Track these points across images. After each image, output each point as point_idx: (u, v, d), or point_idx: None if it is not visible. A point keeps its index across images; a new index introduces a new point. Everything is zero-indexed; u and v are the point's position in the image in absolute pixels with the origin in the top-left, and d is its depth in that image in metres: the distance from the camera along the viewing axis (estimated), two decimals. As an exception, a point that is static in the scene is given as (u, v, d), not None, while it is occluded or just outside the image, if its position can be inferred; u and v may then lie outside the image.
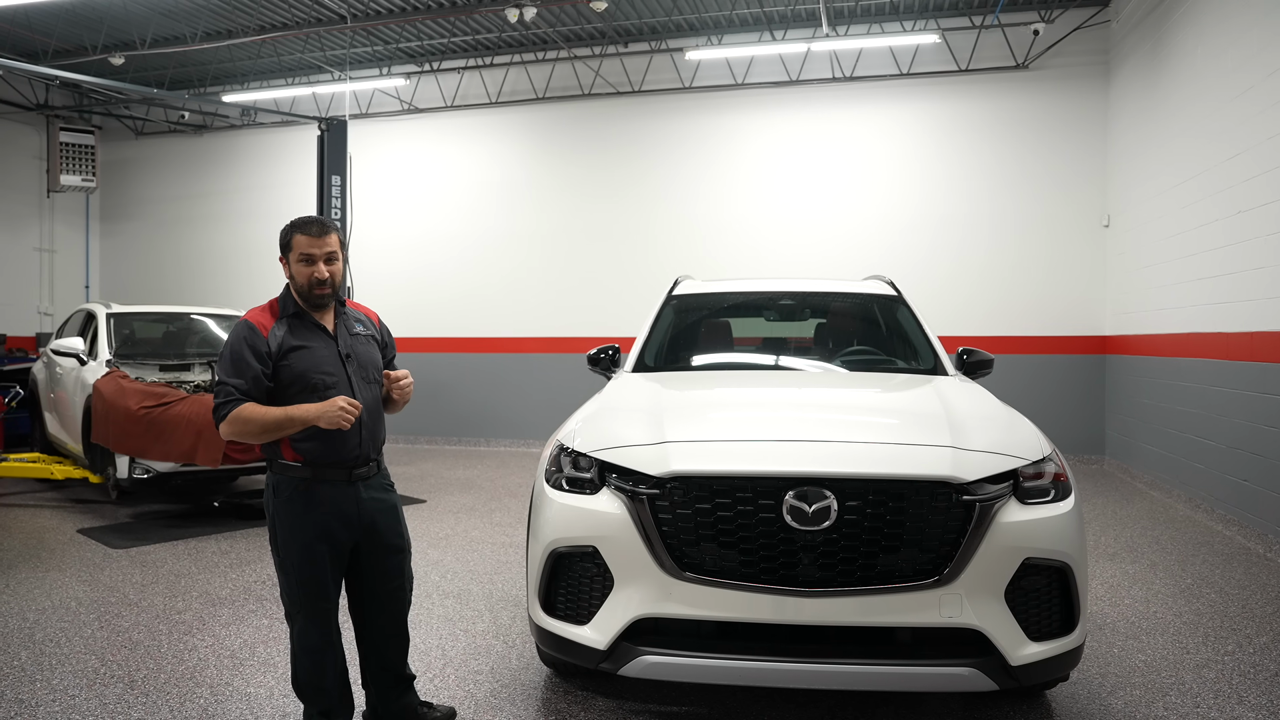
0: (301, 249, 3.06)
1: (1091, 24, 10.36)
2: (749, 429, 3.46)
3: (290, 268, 3.10)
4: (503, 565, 5.92)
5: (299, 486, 3.05)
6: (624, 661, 3.08)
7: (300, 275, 3.08)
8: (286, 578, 3.09)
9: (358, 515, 3.11)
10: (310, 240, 3.06)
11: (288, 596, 3.12)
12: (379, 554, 3.21)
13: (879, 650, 3.03)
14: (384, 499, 3.23)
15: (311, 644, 3.11)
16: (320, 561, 3.06)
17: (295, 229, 3.09)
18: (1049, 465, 3.23)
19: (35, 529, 6.92)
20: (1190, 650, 4.31)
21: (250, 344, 3.02)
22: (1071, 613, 3.12)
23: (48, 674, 3.97)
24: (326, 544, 3.06)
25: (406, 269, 12.71)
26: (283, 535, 3.06)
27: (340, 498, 3.08)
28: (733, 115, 11.60)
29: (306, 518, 3.04)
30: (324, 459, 3.05)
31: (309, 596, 3.08)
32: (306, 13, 10.83)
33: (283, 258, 3.12)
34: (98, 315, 8.55)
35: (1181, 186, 8.05)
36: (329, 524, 3.06)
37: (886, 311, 5.17)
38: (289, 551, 3.06)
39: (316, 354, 3.10)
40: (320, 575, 3.07)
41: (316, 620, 3.10)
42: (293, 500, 3.05)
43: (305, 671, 3.14)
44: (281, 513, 3.07)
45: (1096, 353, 10.49)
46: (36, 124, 14.03)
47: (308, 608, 3.09)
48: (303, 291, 3.11)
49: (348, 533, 3.10)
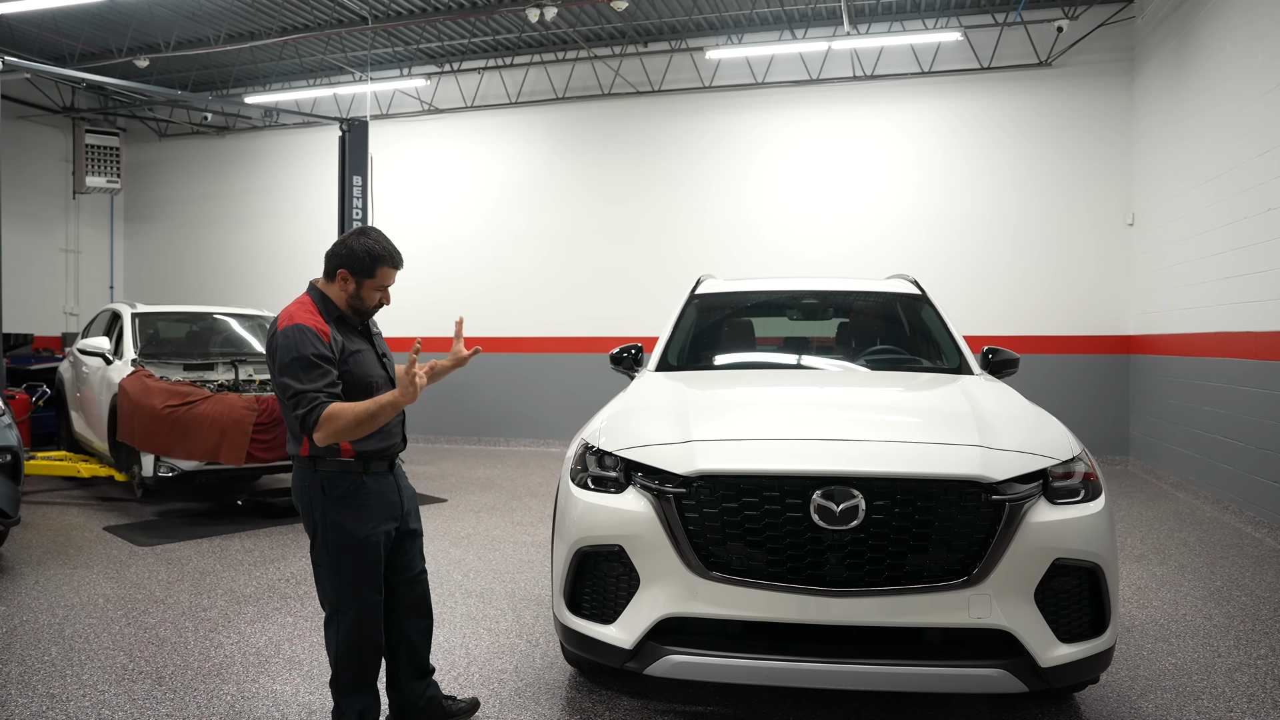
0: (385, 281, 3.14)
1: (1116, 20, 10.26)
2: (776, 428, 3.44)
3: (362, 288, 3.11)
4: (525, 564, 5.93)
5: (354, 481, 3.05)
6: (650, 661, 3.07)
7: (370, 299, 3.14)
8: (339, 575, 3.06)
9: (400, 503, 3.19)
10: (394, 273, 3.15)
11: (338, 593, 3.07)
12: (409, 539, 3.28)
13: (906, 651, 3.01)
14: (410, 486, 3.34)
15: (363, 639, 3.09)
16: (376, 553, 3.08)
17: (384, 261, 3.10)
18: (1079, 465, 3.20)
19: (63, 526, 7.00)
20: (1221, 654, 4.25)
21: (316, 349, 2.97)
22: (1102, 614, 3.09)
23: (77, 669, 4.01)
24: (381, 535, 3.09)
25: (427, 269, 12.75)
26: (337, 533, 3.03)
27: (387, 488, 3.14)
28: (753, 114, 11.57)
29: (363, 511, 3.05)
30: (376, 451, 3.09)
31: (366, 590, 3.07)
32: (328, 14, 10.89)
33: (349, 273, 3.09)
34: (123, 315, 8.63)
35: (1208, 184, 7.96)
36: (382, 515, 3.10)
37: (911, 310, 5.14)
38: (344, 548, 3.03)
39: (366, 357, 3.16)
40: (377, 567, 3.09)
41: (371, 614, 3.10)
42: (347, 496, 3.04)
43: (351, 669, 3.11)
44: (335, 510, 3.03)
45: (1120, 352, 10.38)
46: (62, 126, 14.19)
47: (363, 602, 3.07)
48: (363, 310, 3.16)
49: (394, 521, 3.16)
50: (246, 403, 6.84)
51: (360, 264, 3.08)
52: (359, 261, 3.08)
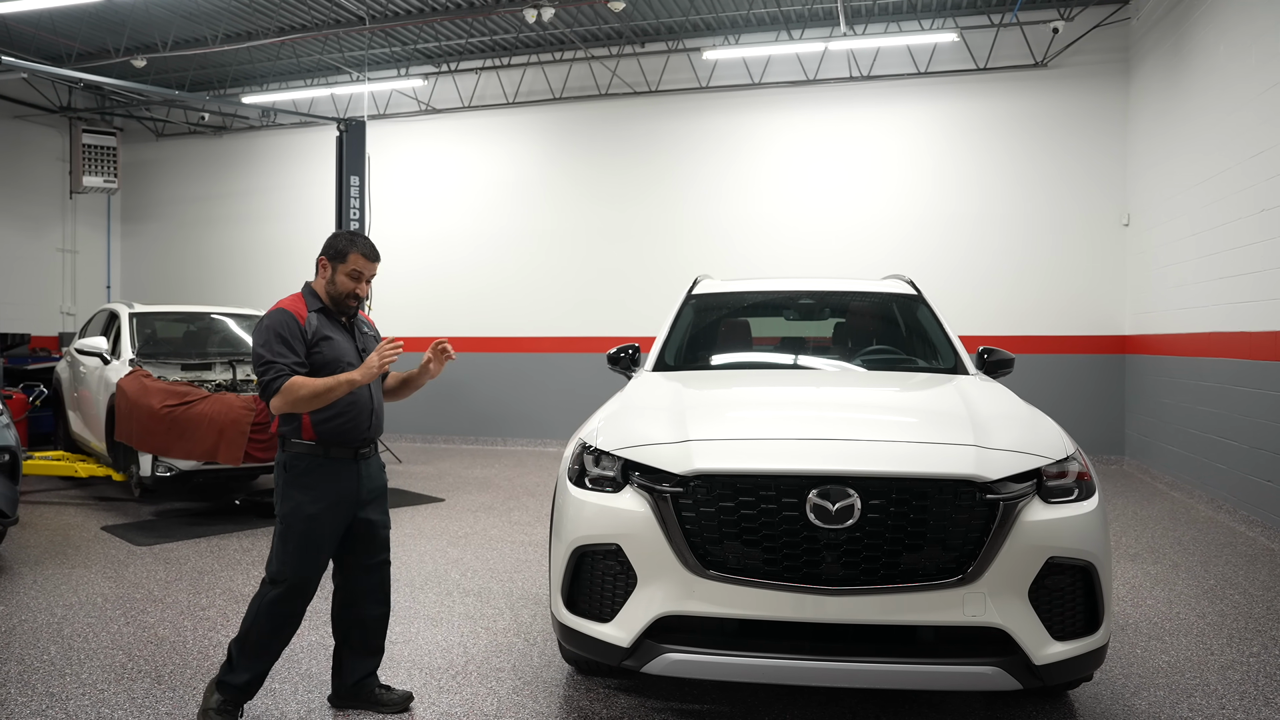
0: (357, 265, 3.42)
1: (1111, 21, 10.30)
2: (772, 428, 3.47)
3: (335, 274, 3.43)
4: (522, 563, 5.95)
5: (310, 463, 3.32)
6: (647, 659, 3.09)
7: (344, 285, 3.43)
8: (285, 545, 3.32)
9: (358, 491, 3.41)
10: (367, 262, 3.44)
11: (279, 561, 3.31)
12: (372, 529, 3.49)
13: (902, 649, 3.03)
14: (380, 479, 3.56)
15: (284, 610, 3.31)
16: (322, 531, 3.33)
17: (356, 246, 3.43)
18: (1072, 464, 3.22)
19: (60, 526, 7.00)
20: (1215, 652, 4.28)
21: (290, 329, 3.32)
22: (1096, 612, 3.11)
23: (77, 668, 4.03)
24: (330, 516, 3.34)
25: (424, 269, 12.77)
26: (290, 506, 3.31)
27: (346, 474, 3.38)
28: (750, 115, 11.59)
29: (316, 490, 3.32)
30: (338, 438, 3.35)
31: (304, 563, 3.31)
32: (325, 14, 10.90)
33: (327, 260, 3.44)
34: (120, 315, 8.64)
35: (1203, 185, 7.99)
36: (335, 498, 3.34)
37: (906, 311, 5.16)
38: (294, 520, 3.30)
39: (341, 345, 3.44)
40: (319, 544, 3.34)
41: (302, 592, 3.33)
42: (305, 474, 3.32)
43: (261, 633, 3.29)
44: (293, 486, 3.32)
45: (1115, 352, 10.42)
46: (59, 126, 14.18)
47: (296, 579, 3.30)
48: (337, 298, 3.45)
49: (349, 507, 3.39)
50: (244, 402, 6.85)
51: (334, 250, 3.44)
52: (333, 248, 3.45)
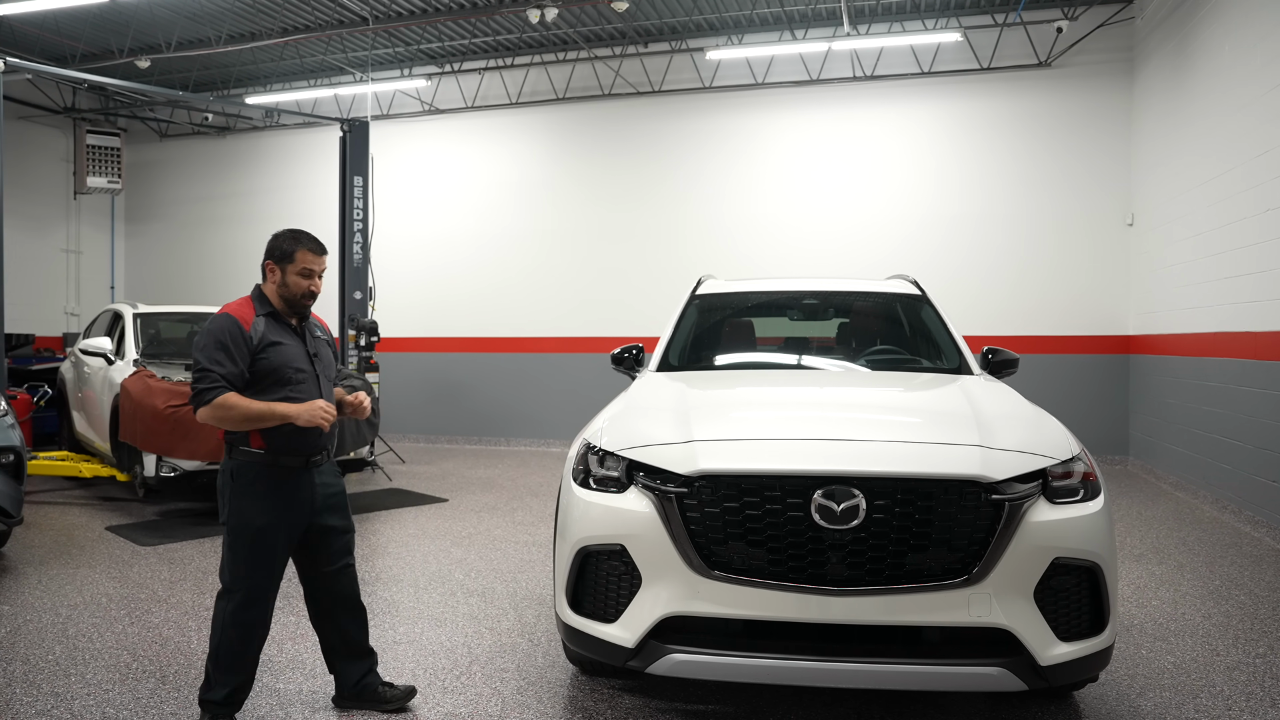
0: (306, 263, 3.30)
1: (1115, 21, 10.28)
2: (777, 428, 3.46)
3: (285, 275, 3.30)
4: (526, 564, 5.95)
5: (259, 472, 3.23)
6: (651, 659, 3.09)
7: (297, 286, 3.30)
8: (234, 555, 3.25)
9: (311, 500, 3.32)
10: (315, 257, 3.32)
11: (230, 573, 3.27)
12: (330, 536, 3.41)
13: (907, 649, 3.03)
14: (334, 484, 3.46)
15: (246, 619, 3.26)
16: (272, 543, 3.24)
17: (302, 243, 3.30)
18: (1078, 464, 3.21)
19: (65, 526, 7.01)
20: (1220, 652, 4.27)
21: (233, 335, 3.19)
22: (1101, 613, 3.11)
23: (82, 668, 4.03)
24: (281, 527, 3.25)
25: (427, 269, 12.78)
26: (237, 517, 3.23)
27: (297, 483, 3.29)
28: (753, 115, 11.59)
29: (265, 501, 3.22)
30: (288, 447, 3.25)
31: (255, 574, 3.25)
32: (328, 15, 10.91)
33: (274, 264, 3.30)
34: (124, 315, 8.66)
35: (1208, 184, 7.98)
36: (285, 508, 3.25)
37: (910, 311, 5.15)
38: (242, 532, 3.22)
39: (290, 350, 3.32)
40: (269, 556, 3.25)
41: (256, 600, 3.27)
42: (253, 484, 3.22)
43: (231, 644, 3.26)
44: (240, 496, 3.22)
45: (1120, 352, 10.40)
46: (63, 127, 14.20)
47: (248, 588, 3.25)
48: (291, 299, 3.33)
49: (301, 516, 3.31)
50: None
51: (280, 250, 3.30)
52: (279, 249, 3.30)
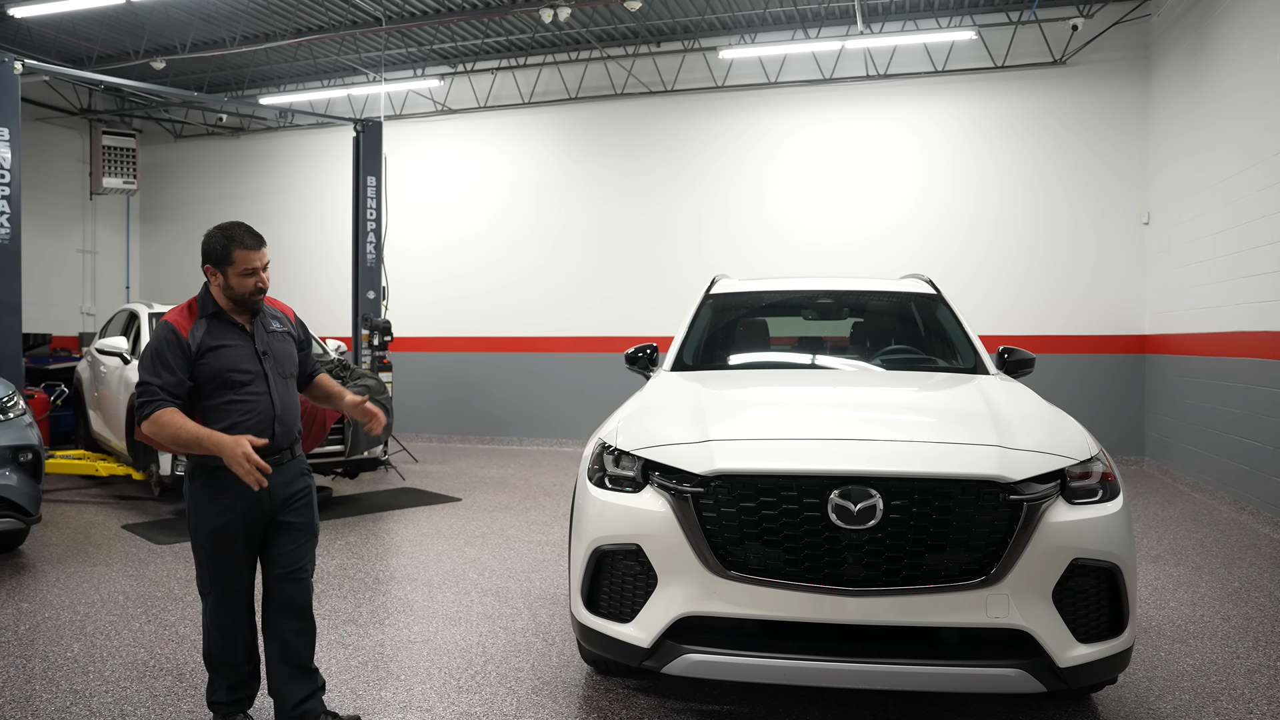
0: (245, 263, 3.12)
1: (1131, 18, 10.21)
2: (793, 428, 3.45)
3: (228, 279, 3.13)
4: (540, 563, 5.95)
5: (211, 474, 3.11)
6: (667, 660, 3.08)
7: (241, 286, 3.14)
8: (197, 558, 3.22)
9: (269, 501, 3.17)
10: (253, 254, 3.14)
11: (199, 576, 3.24)
12: (286, 534, 3.25)
13: (924, 650, 3.01)
14: (299, 483, 3.29)
15: (222, 622, 3.22)
16: (229, 545, 3.15)
17: (235, 241, 3.12)
18: (1096, 465, 3.19)
19: (82, 525, 7.06)
20: (1240, 655, 4.23)
21: (170, 345, 3.08)
22: (1120, 614, 3.08)
23: (100, 665, 4.06)
24: (237, 528, 3.14)
25: (440, 269, 12.81)
26: (195, 520, 3.18)
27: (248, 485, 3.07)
28: (766, 114, 11.56)
29: (218, 504, 3.13)
30: None
31: (219, 577, 3.19)
32: (342, 15, 10.94)
33: (213, 267, 3.14)
34: (140, 315, 8.71)
35: (1226, 182, 7.91)
36: (238, 510, 3.13)
37: (925, 310, 5.13)
38: (200, 535, 3.17)
39: (234, 352, 3.17)
40: (229, 558, 3.16)
41: (227, 601, 3.21)
42: (206, 487, 3.14)
43: (217, 646, 3.25)
44: (195, 498, 3.17)
45: (1135, 352, 10.33)
46: (80, 128, 14.30)
47: (218, 588, 3.20)
48: (241, 298, 3.17)
49: (256, 518, 3.17)
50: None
51: (216, 254, 3.13)
52: (214, 252, 3.14)
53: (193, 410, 3.12)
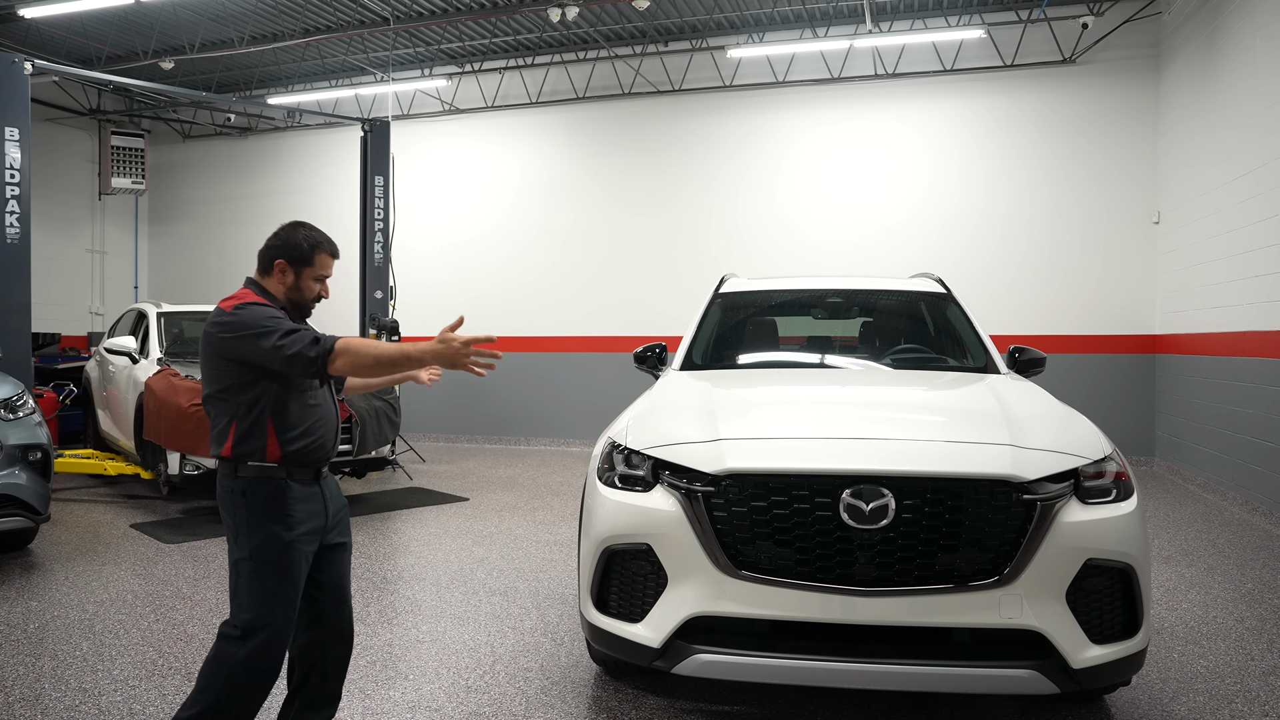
0: (324, 269, 2.97)
1: (1141, 16, 10.15)
2: (804, 427, 3.43)
3: (300, 280, 2.93)
4: (548, 563, 5.94)
5: (276, 488, 2.81)
6: (677, 660, 3.06)
7: (310, 290, 2.96)
8: (259, 585, 2.78)
9: (325, 514, 2.94)
10: (332, 261, 3.00)
11: (255, 609, 2.77)
12: (336, 555, 3.01)
13: (937, 651, 2.99)
14: (342, 499, 3.09)
15: (268, 665, 2.79)
16: (300, 568, 2.84)
17: (322, 246, 2.96)
18: (1110, 464, 3.17)
19: (90, 524, 7.07)
20: (1255, 657, 4.20)
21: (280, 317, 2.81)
22: (1135, 615, 3.06)
23: (108, 664, 4.06)
24: (304, 545, 2.85)
25: (447, 268, 12.81)
26: (260, 537, 2.79)
27: (311, 497, 2.89)
28: (774, 113, 11.53)
29: (289, 518, 2.82)
30: (302, 459, 2.86)
31: (284, 605, 2.80)
32: (349, 15, 10.95)
33: (288, 264, 2.91)
34: (149, 315, 8.73)
35: (1237, 181, 7.86)
36: (307, 524, 2.86)
37: (935, 309, 5.10)
38: (268, 552, 2.78)
39: None
40: (298, 578, 2.84)
41: (285, 633, 2.83)
42: (271, 502, 2.80)
43: (245, 698, 2.79)
44: (261, 515, 2.79)
45: (1145, 352, 10.28)
46: (89, 128, 14.34)
47: (279, 620, 2.80)
48: (301, 302, 2.97)
49: (317, 535, 2.91)
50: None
51: (299, 252, 2.92)
52: (298, 250, 2.92)
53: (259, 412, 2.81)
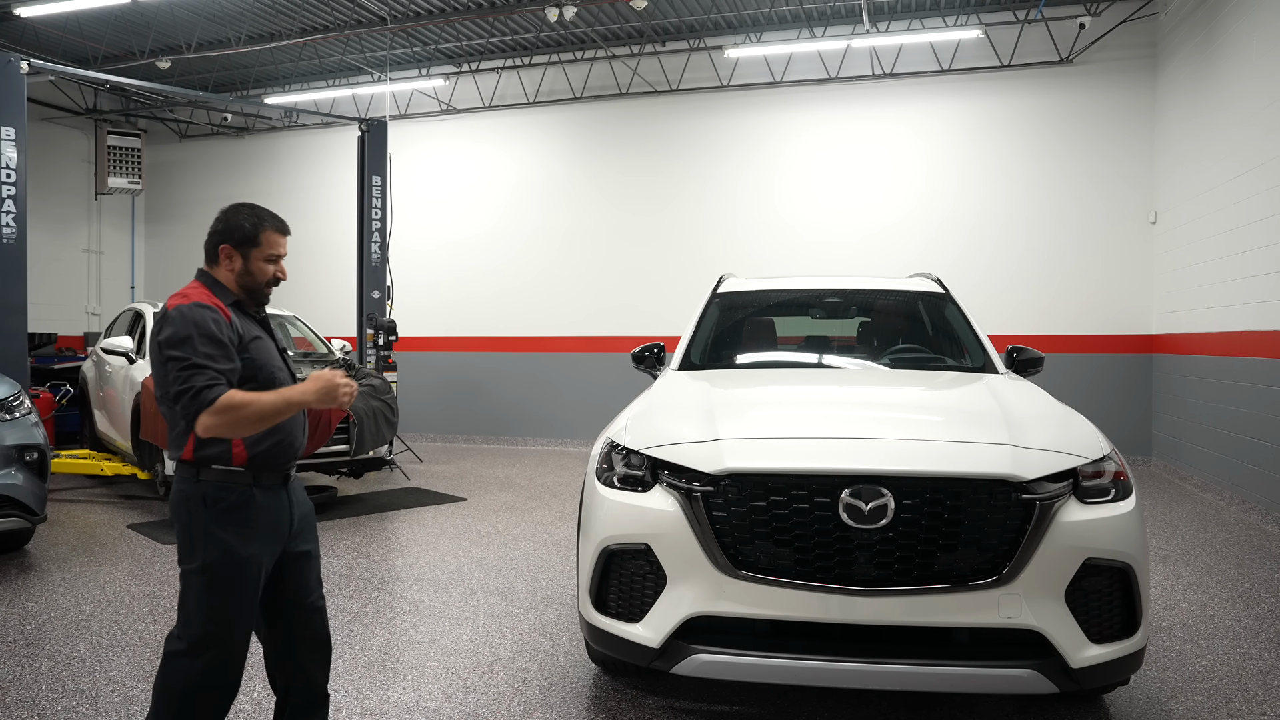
0: (272, 247, 2.77)
1: (1138, 17, 10.17)
2: (803, 426, 3.43)
3: (249, 263, 2.74)
4: (546, 563, 5.93)
5: (241, 494, 2.63)
6: (676, 660, 3.06)
7: (262, 272, 2.77)
8: (211, 598, 2.58)
9: (290, 522, 2.76)
10: (281, 239, 2.81)
11: (202, 624, 2.58)
12: (303, 563, 2.84)
13: (936, 650, 2.99)
14: (308, 503, 2.92)
15: (224, 681, 2.64)
16: (256, 575, 2.65)
17: (266, 223, 2.77)
18: (1109, 464, 3.17)
19: (87, 524, 7.06)
20: (1253, 656, 4.20)
21: (220, 325, 2.60)
22: (1133, 615, 3.06)
23: (106, 665, 4.05)
24: (264, 555, 2.67)
25: (445, 268, 12.81)
26: (217, 550, 2.58)
27: (277, 504, 2.71)
28: (772, 113, 11.54)
29: (250, 527, 2.63)
30: (271, 461, 2.69)
31: (239, 619, 2.63)
32: (347, 15, 10.94)
33: (233, 248, 2.73)
34: (145, 315, 8.70)
35: (1234, 182, 7.87)
36: (269, 533, 2.68)
37: (933, 309, 5.11)
38: (222, 566, 2.59)
39: (267, 345, 2.79)
40: (254, 592, 2.66)
41: (237, 652, 2.65)
42: (235, 509, 2.61)
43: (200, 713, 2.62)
44: (219, 524, 2.59)
45: (1143, 351, 10.29)
46: (85, 128, 14.31)
47: (233, 634, 2.62)
48: (254, 287, 2.78)
49: (278, 544, 2.73)
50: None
51: (242, 233, 2.73)
52: (240, 230, 2.73)
53: None
